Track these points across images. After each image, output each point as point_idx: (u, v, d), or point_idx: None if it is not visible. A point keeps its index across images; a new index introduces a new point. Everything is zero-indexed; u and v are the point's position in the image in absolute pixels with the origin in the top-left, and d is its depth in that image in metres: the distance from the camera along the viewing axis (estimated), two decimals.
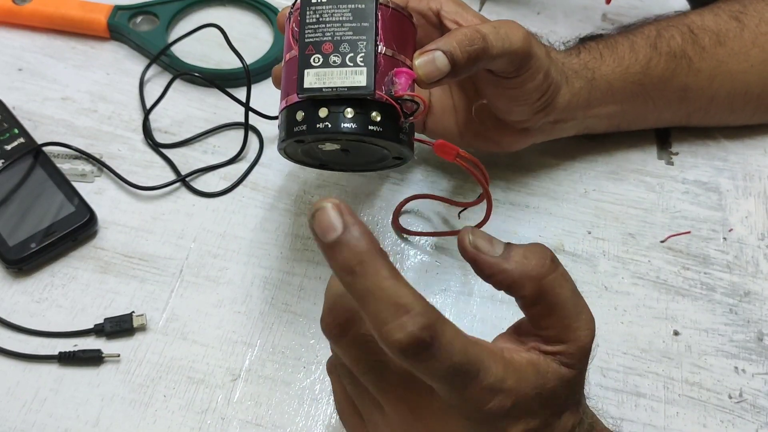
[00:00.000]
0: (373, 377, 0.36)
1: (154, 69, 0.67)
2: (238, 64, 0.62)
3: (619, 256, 0.58)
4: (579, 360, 0.37)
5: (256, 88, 0.62)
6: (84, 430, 0.49)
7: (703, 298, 0.56)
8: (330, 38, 0.42)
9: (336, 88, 0.41)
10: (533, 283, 0.36)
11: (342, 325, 0.35)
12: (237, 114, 0.63)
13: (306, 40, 0.42)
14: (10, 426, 0.48)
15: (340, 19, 0.42)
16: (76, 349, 0.51)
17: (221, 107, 0.64)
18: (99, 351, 0.51)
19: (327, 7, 0.42)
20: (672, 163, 0.63)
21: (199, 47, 0.67)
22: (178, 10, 0.70)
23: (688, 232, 0.59)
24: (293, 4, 0.44)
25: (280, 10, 0.70)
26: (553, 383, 0.36)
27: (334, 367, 0.41)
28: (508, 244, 0.37)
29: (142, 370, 0.51)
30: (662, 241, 0.59)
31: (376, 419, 0.38)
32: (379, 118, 0.42)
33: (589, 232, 0.59)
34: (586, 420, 0.39)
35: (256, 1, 0.71)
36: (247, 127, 0.62)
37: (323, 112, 0.42)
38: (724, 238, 0.59)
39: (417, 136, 0.47)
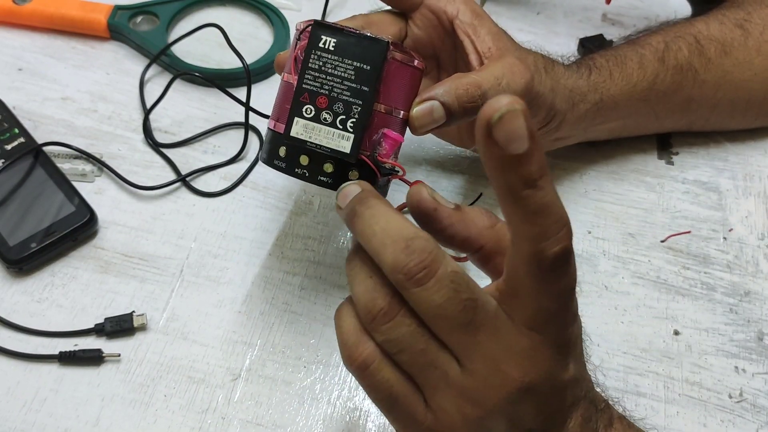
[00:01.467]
0: (464, 317, 0.34)
1: (154, 69, 0.67)
2: (238, 64, 0.62)
3: (619, 256, 0.58)
4: None
5: (256, 88, 0.62)
6: (84, 430, 0.48)
7: (703, 298, 0.56)
8: (327, 92, 0.42)
9: (320, 146, 0.42)
10: (490, 232, 0.38)
11: (428, 266, 0.33)
12: (237, 114, 0.63)
13: (303, 86, 0.42)
14: (10, 426, 0.48)
15: (342, 75, 0.41)
16: (76, 348, 0.51)
17: (221, 107, 0.64)
18: (99, 351, 0.51)
19: (332, 57, 0.42)
20: (672, 163, 0.63)
21: (199, 47, 0.67)
22: (178, 10, 0.70)
23: (688, 232, 0.59)
24: (304, 28, 0.43)
25: (280, 10, 0.70)
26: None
27: (372, 356, 0.36)
28: (456, 204, 0.39)
29: (143, 369, 0.51)
30: (662, 241, 0.59)
31: (450, 377, 0.35)
32: (356, 177, 0.43)
33: (590, 232, 0.59)
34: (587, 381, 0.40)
35: (256, 1, 0.71)
36: (247, 127, 0.62)
37: (304, 160, 0.43)
38: (724, 238, 0.59)
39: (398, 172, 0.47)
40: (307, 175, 0.43)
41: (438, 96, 0.44)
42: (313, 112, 0.42)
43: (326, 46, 0.42)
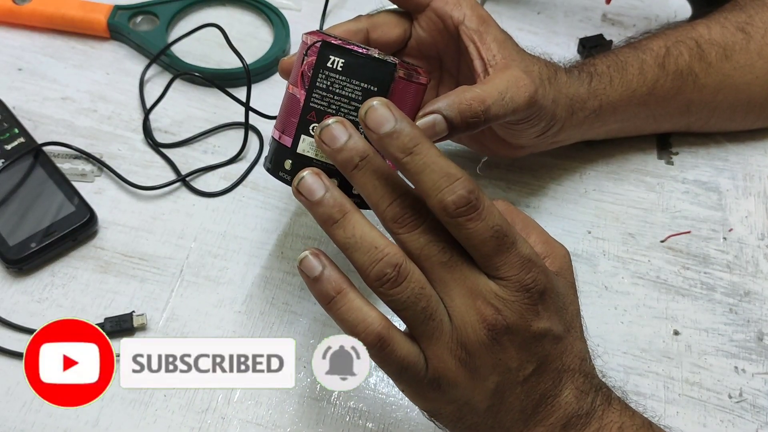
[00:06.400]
0: (443, 257, 0.38)
1: (154, 69, 0.67)
2: (238, 63, 0.62)
3: (619, 256, 0.58)
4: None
5: (256, 88, 0.62)
6: (84, 430, 0.49)
7: (703, 298, 0.56)
8: (334, 112, 0.42)
9: (326, 163, 0.43)
10: None
11: (414, 219, 0.38)
12: (237, 114, 0.63)
13: (310, 104, 0.43)
14: (10, 426, 0.48)
15: (349, 95, 0.42)
16: None
17: (221, 107, 0.64)
18: None
19: (340, 78, 0.42)
20: (672, 163, 0.63)
21: (199, 47, 0.67)
22: (178, 10, 0.70)
23: (688, 232, 0.59)
24: (312, 44, 0.43)
25: (280, 10, 0.70)
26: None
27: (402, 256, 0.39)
28: None
29: None
30: (662, 241, 0.59)
31: (443, 324, 0.38)
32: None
33: (589, 232, 0.59)
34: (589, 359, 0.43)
35: (256, 1, 0.71)
36: (247, 126, 0.62)
37: None
38: (724, 238, 0.59)
39: None
40: None
41: (441, 110, 0.44)
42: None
43: (334, 66, 0.42)
